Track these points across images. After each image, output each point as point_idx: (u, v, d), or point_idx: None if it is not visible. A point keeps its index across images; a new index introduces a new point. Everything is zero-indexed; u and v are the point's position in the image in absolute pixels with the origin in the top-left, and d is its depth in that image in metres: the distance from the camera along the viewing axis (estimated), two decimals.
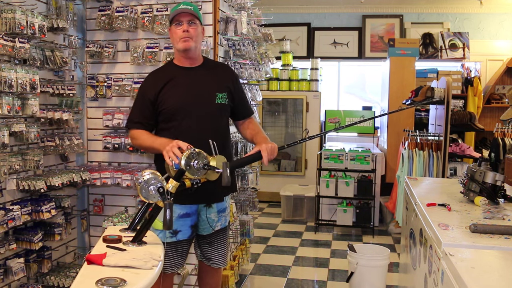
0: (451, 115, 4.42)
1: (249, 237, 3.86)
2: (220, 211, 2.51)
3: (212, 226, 2.48)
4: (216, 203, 2.49)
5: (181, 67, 2.46)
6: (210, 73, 2.49)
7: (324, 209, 5.51)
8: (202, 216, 2.46)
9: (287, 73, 6.76)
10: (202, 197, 2.39)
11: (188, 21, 2.36)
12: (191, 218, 2.43)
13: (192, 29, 2.36)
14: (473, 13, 6.72)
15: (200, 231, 2.50)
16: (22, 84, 2.59)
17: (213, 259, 2.55)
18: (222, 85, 2.47)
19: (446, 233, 1.71)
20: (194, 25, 2.37)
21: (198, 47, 2.46)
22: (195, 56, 2.46)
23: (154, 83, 2.43)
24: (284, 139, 6.89)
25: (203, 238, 2.53)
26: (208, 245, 2.54)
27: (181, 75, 2.43)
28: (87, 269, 1.56)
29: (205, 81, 2.45)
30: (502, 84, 6.34)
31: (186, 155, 1.99)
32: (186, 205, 2.38)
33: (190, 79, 2.43)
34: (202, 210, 2.45)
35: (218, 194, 2.46)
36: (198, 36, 2.41)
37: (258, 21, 3.82)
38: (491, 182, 2.16)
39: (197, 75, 2.45)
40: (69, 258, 3.41)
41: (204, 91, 2.43)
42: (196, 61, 2.48)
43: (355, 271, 3.35)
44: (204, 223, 2.47)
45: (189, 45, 2.36)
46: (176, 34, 2.37)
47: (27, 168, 2.81)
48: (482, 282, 1.30)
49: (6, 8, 2.57)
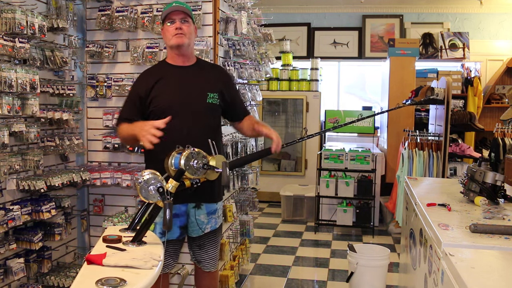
0: (451, 115, 4.42)
1: (249, 237, 3.86)
2: (210, 213, 2.48)
3: (201, 228, 2.46)
4: (206, 204, 2.46)
5: (174, 66, 2.45)
6: (202, 73, 2.49)
7: (324, 209, 5.51)
8: (191, 217, 2.44)
9: (287, 73, 6.76)
10: (190, 196, 2.31)
11: (181, 19, 2.36)
12: (179, 219, 2.42)
13: (185, 26, 2.37)
14: (473, 13, 6.72)
15: (189, 232, 2.49)
16: (22, 84, 2.59)
17: (203, 262, 2.54)
18: (213, 85, 2.47)
19: (446, 233, 1.71)
20: (186, 23, 2.38)
21: (191, 45, 2.46)
22: (187, 54, 2.45)
23: (145, 81, 2.43)
24: (284, 139, 6.85)
25: (193, 240, 2.52)
26: (198, 248, 2.52)
27: (173, 73, 2.43)
28: (87, 269, 1.56)
29: (197, 80, 2.45)
30: (502, 84, 6.34)
31: (185, 155, 1.99)
32: (175, 205, 2.33)
33: (182, 77, 2.43)
34: (191, 212, 2.44)
35: (207, 194, 2.43)
36: (191, 33, 2.41)
37: (258, 21, 3.82)
38: (491, 182, 2.16)
39: (189, 73, 2.45)
40: (69, 258, 3.41)
41: (195, 90, 2.42)
42: (189, 60, 2.48)
43: (355, 271, 3.35)
44: (193, 224, 2.46)
45: (182, 41, 2.36)
46: (168, 31, 2.37)
47: (27, 168, 2.81)
48: (482, 282, 1.30)
49: (6, 8, 2.57)
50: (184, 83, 2.42)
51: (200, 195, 2.37)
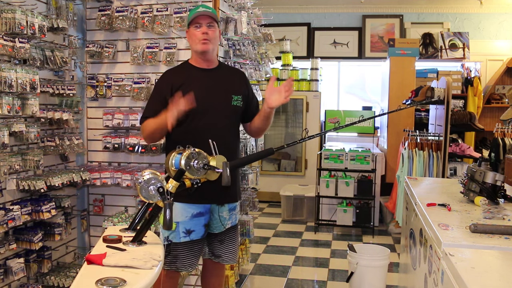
0: (451, 115, 4.42)
1: (249, 237, 3.85)
2: (231, 209, 2.55)
3: (223, 224, 2.52)
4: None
5: (199, 68, 2.49)
6: (226, 76, 2.55)
7: (324, 209, 5.51)
8: (214, 214, 2.49)
9: (287, 73, 6.75)
10: (217, 197, 2.44)
11: (207, 23, 2.39)
12: (204, 217, 2.45)
13: (211, 31, 2.40)
14: (473, 13, 6.72)
15: (211, 229, 2.53)
16: (22, 84, 2.59)
17: (222, 256, 2.58)
18: (238, 88, 2.52)
19: (446, 233, 1.71)
20: (212, 27, 2.41)
21: (215, 50, 2.51)
22: (212, 59, 2.50)
23: (171, 82, 2.45)
24: (284, 139, 6.89)
25: (215, 236, 2.55)
26: (219, 243, 2.56)
27: (198, 76, 2.46)
28: (87, 269, 1.56)
29: (222, 82, 2.50)
30: (502, 84, 6.34)
31: (186, 155, 1.99)
32: (200, 204, 2.41)
33: (208, 79, 2.47)
34: (215, 209, 2.49)
35: (231, 194, 2.51)
36: (216, 38, 2.45)
37: (258, 21, 3.82)
38: (491, 182, 2.16)
39: (214, 76, 2.49)
40: (69, 258, 3.41)
41: (221, 92, 2.47)
42: (213, 63, 2.52)
43: (355, 271, 3.35)
44: (216, 221, 2.50)
45: (208, 47, 2.41)
46: (195, 36, 2.40)
47: (27, 168, 2.81)
48: (482, 282, 1.30)
49: (6, 8, 2.57)
50: (210, 86, 2.46)
51: (225, 196, 2.48)
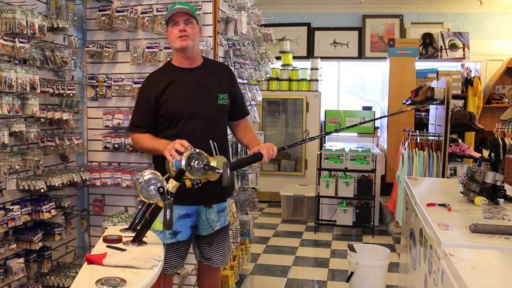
0: (451, 115, 4.42)
1: (249, 237, 3.86)
2: (220, 211, 2.50)
3: (212, 226, 2.47)
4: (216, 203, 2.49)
5: (181, 68, 2.43)
6: (211, 74, 2.48)
7: (324, 209, 5.51)
8: (202, 216, 2.45)
9: (287, 73, 6.76)
10: (203, 198, 2.38)
11: (185, 20, 2.34)
12: (191, 219, 2.42)
13: (189, 28, 2.34)
14: (473, 13, 6.72)
15: (199, 231, 2.49)
16: (22, 84, 2.59)
17: (212, 259, 2.54)
18: (223, 86, 2.47)
19: (446, 233, 1.71)
20: (190, 24, 2.35)
21: (196, 46, 2.44)
22: (193, 56, 2.43)
23: (154, 86, 2.40)
24: (284, 139, 6.89)
25: (203, 238, 2.52)
26: (207, 245, 2.52)
27: (182, 77, 2.41)
28: (87, 269, 1.56)
29: (207, 82, 2.44)
30: (502, 84, 6.34)
31: (186, 155, 1.99)
32: (186, 206, 2.37)
33: (192, 80, 2.41)
34: (202, 211, 2.44)
35: (218, 195, 2.46)
36: (195, 35, 2.38)
37: (258, 21, 3.81)
38: (491, 182, 2.16)
39: (198, 76, 2.43)
40: (69, 258, 3.41)
41: (206, 92, 2.41)
42: (196, 61, 2.46)
43: (355, 271, 3.35)
44: (204, 223, 2.46)
45: (187, 44, 2.34)
46: (172, 34, 2.35)
47: (27, 168, 2.81)
48: (482, 282, 1.30)
49: (6, 8, 2.57)
50: (195, 86, 2.41)
51: (212, 197, 2.42)
